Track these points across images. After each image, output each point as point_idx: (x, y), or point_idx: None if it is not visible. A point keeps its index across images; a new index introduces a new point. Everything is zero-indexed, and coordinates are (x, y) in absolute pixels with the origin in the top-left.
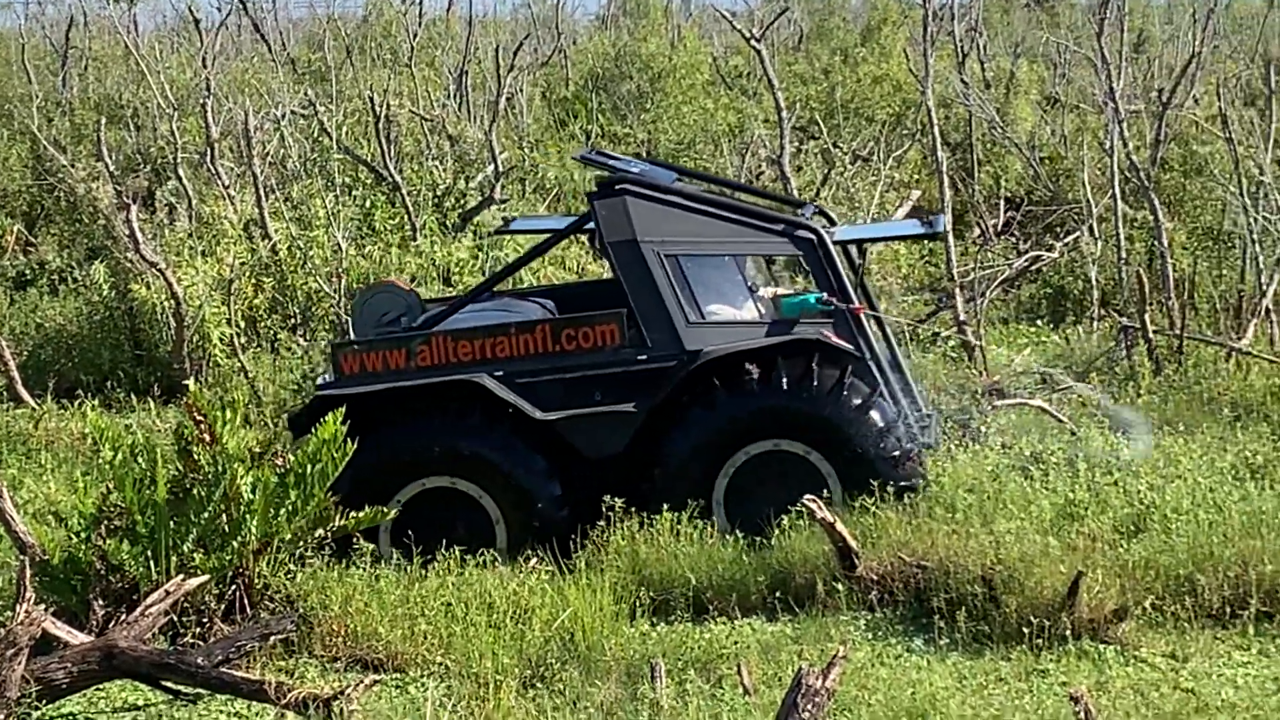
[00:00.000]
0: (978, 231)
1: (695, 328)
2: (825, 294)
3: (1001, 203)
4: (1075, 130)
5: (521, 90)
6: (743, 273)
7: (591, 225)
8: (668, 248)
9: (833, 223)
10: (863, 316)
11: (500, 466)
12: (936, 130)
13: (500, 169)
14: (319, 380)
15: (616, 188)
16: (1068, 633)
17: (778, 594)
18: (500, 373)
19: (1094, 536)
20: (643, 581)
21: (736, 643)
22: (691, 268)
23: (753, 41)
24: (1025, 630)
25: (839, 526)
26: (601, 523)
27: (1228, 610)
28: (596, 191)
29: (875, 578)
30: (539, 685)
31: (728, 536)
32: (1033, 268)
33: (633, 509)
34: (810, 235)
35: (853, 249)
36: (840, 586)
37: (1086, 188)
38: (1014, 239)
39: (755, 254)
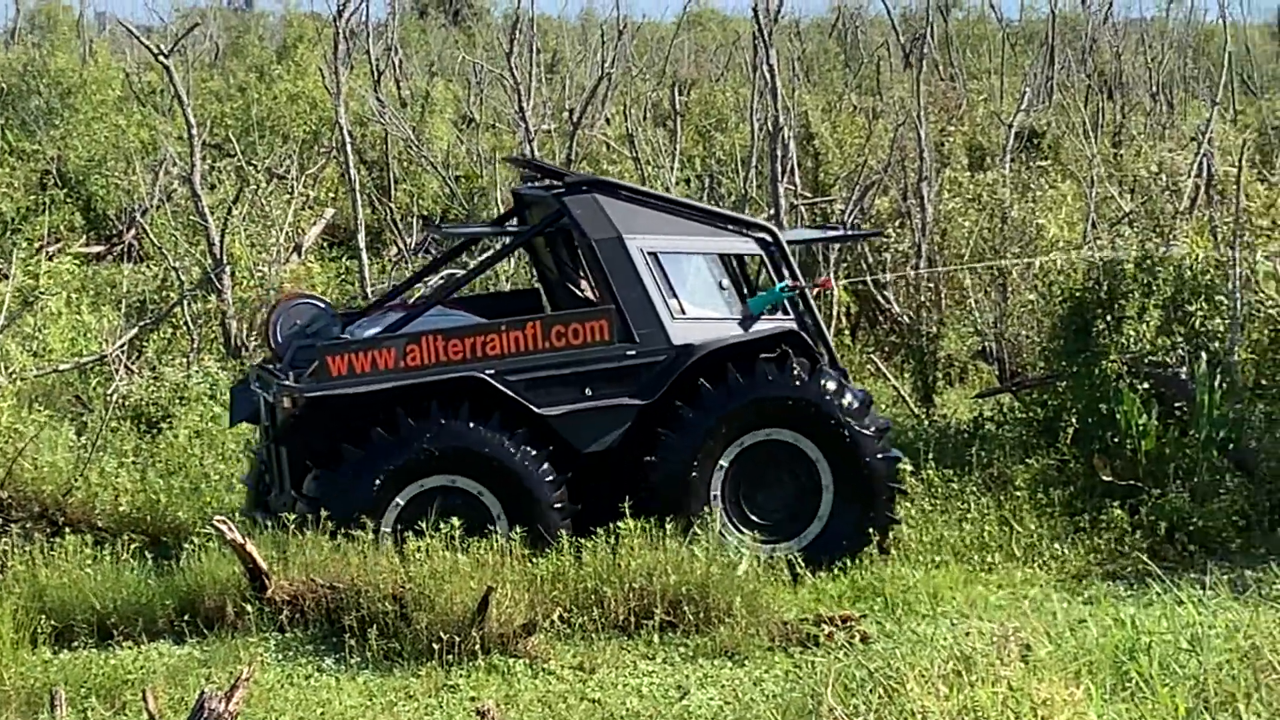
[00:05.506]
0: (395, 250)
1: (680, 322)
2: (787, 282)
3: (417, 221)
4: (491, 149)
5: None
6: (711, 270)
7: (554, 226)
8: (648, 244)
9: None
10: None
11: (502, 463)
12: (351, 148)
13: None
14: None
15: (583, 186)
16: (478, 648)
17: (186, 617)
18: (491, 371)
19: (504, 551)
20: (44, 608)
21: (143, 668)
22: (668, 264)
23: (161, 58)
24: (436, 646)
25: (249, 547)
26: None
27: (633, 621)
28: (564, 190)
29: (287, 598)
30: None
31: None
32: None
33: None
34: (769, 235)
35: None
36: (251, 608)
37: (501, 206)
38: (432, 256)
39: (723, 252)
